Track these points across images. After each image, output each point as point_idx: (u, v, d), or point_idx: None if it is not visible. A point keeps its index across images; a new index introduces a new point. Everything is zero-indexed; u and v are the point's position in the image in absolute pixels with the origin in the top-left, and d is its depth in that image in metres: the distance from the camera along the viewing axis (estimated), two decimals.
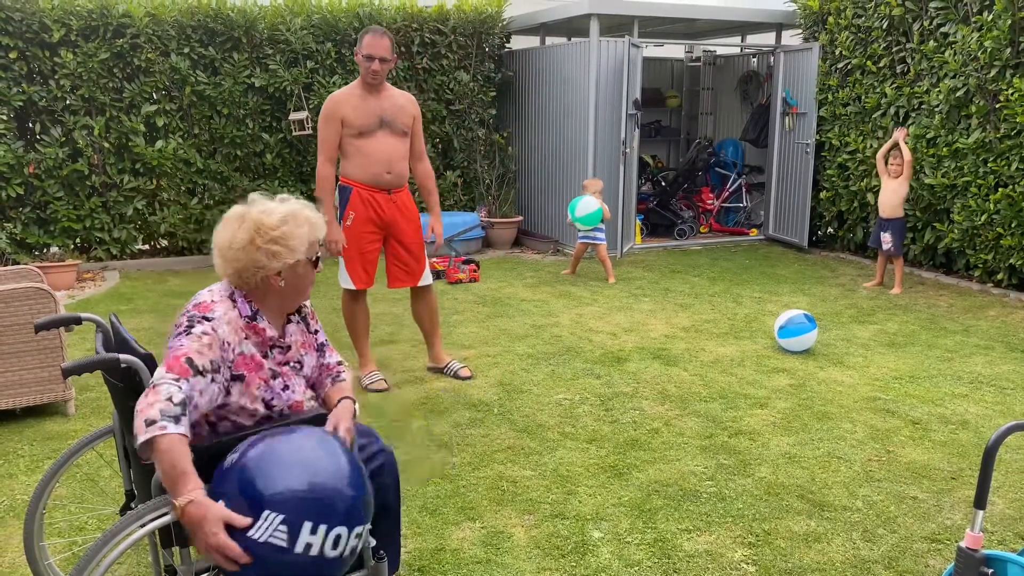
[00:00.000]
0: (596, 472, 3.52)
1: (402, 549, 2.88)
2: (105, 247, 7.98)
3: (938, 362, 5.00)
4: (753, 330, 5.69)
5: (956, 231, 6.92)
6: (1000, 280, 6.74)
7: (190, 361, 1.90)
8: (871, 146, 7.62)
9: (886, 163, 6.75)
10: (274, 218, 2.08)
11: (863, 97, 7.70)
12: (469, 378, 4.65)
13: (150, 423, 1.76)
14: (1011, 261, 6.52)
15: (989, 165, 6.54)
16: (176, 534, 1.98)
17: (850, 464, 3.61)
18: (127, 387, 2.00)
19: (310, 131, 8.19)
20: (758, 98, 9.99)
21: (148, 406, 1.78)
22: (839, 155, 8.06)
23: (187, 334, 1.94)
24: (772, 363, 4.97)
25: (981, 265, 6.83)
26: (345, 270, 4.43)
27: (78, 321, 2.28)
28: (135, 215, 7.98)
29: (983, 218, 6.60)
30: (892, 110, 7.40)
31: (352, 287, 4.46)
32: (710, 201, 9.81)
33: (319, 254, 2.22)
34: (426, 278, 4.58)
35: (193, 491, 1.75)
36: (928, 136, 7.05)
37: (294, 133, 8.23)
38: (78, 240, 7.93)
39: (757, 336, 5.53)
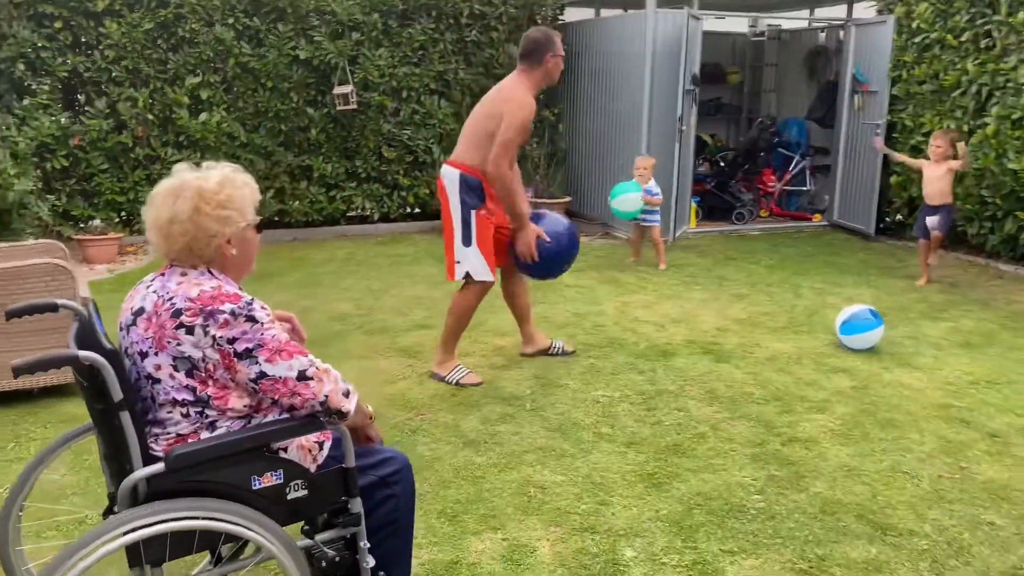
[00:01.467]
0: (633, 480, 3.22)
1: (415, 560, 2.64)
2: None
3: (1019, 365, 4.54)
4: (813, 324, 5.29)
5: None
6: None
7: (291, 343, 1.92)
8: (948, 127, 7.06)
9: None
10: (212, 183, 1.94)
11: (942, 74, 7.12)
12: (574, 352, 4.63)
13: (347, 393, 1.95)
14: None
15: None
16: (144, 553, 1.76)
17: (917, 481, 3.24)
18: (91, 387, 1.78)
19: (354, 105, 7.97)
20: (826, 75, 9.43)
21: (333, 384, 1.92)
22: (912, 137, 7.51)
23: (262, 324, 1.87)
24: (832, 362, 4.58)
25: None
26: (486, 263, 4.16)
27: (54, 308, 2.07)
28: None
29: None
30: (973, 88, 6.82)
31: (491, 279, 4.20)
32: (771, 184, 9.31)
33: (259, 218, 2.07)
34: None
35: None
36: (1014, 117, 6.47)
37: (338, 107, 8.03)
38: (123, 213, 7.88)
39: (817, 331, 5.14)
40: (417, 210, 8.98)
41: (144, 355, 1.87)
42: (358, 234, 8.51)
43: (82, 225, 7.61)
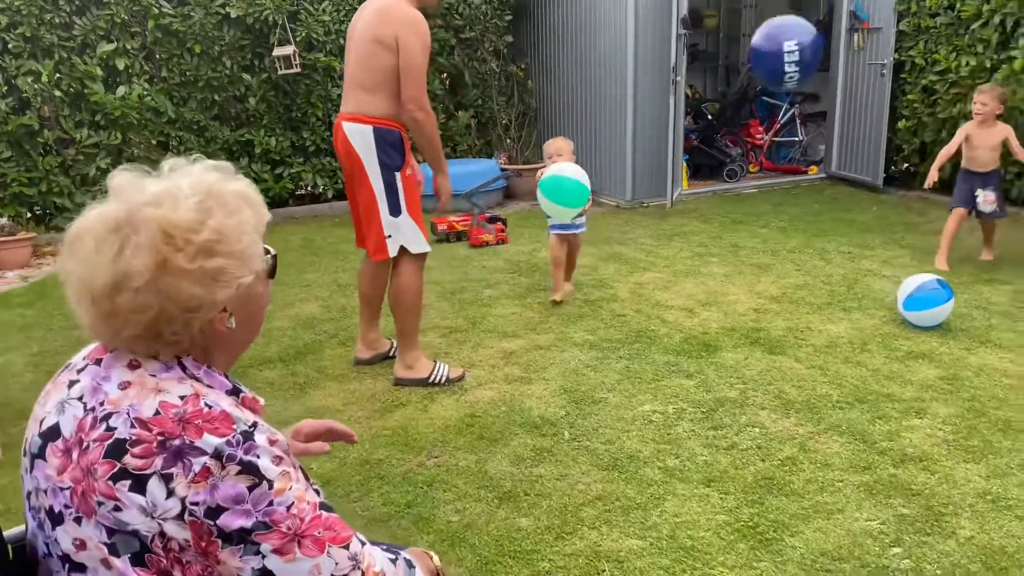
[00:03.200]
0: (731, 538, 2.45)
1: None
2: (67, 215, 6.81)
3: None
4: (859, 297, 4.59)
5: None
6: None
7: (324, 507, 1.08)
8: (967, 64, 6.39)
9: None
10: (187, 209, 1.04)
11: (959, 5, 6.43)
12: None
13: None
14: None
15: None
16: None
17: None
18: None
19: (298, 69, 6.96)
20: (814, 15, 8.68)
21: None
22: (924, 76, 6.83)
23: (270, 484, 1.01)
24: (903, 345, 3.88)
25: None
26: (419, 230, 3.49)
27: None
28: (99, 176, 6.80)
29: None
30: (997, 19, 6.14)
31: (428, 249, 3.56)
32: (759, 136, 8.60)
33: (273, 254, 1.18)
34: None
35: None
36: None
37: (280, 72, 7.01)
38: (35, 208, 6.78)
39: (868, 306, 4.44)
40: None
41: (58, 519, 1.01)
42: (310, 215, 7.55)
43: None
